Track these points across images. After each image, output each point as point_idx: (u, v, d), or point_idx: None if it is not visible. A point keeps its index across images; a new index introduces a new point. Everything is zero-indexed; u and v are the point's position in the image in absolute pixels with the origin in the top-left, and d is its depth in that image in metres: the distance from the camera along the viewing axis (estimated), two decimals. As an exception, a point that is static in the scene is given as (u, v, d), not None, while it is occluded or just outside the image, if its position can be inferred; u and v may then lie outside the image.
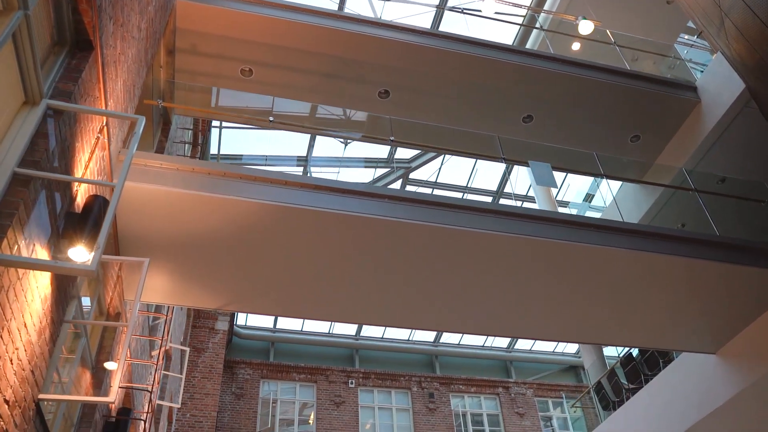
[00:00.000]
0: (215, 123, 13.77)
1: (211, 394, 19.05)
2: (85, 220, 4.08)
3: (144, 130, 4.30)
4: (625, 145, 11.11)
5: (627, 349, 12.37)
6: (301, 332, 24.02)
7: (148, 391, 7.61)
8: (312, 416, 22.33)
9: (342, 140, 16.02)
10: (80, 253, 3.74)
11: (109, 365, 6.31)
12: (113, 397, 4.46)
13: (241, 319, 23.64)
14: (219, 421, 21.04)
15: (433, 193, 19.99)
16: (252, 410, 21.70)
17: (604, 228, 7.30)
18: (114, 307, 6.88)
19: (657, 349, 10.63)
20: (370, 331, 24.29)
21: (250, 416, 21.55)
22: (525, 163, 7.72)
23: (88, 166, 4.75)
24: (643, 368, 11.61)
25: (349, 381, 23.05)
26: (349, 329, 24.24)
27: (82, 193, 4.82)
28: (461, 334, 24.71)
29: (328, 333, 24.18)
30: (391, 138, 8.40)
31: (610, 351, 14.36)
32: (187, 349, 12.67)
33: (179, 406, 12.39)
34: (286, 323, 23.96)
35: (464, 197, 19.88)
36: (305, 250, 6.77)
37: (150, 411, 8.23)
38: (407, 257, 7.01)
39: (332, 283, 7.24)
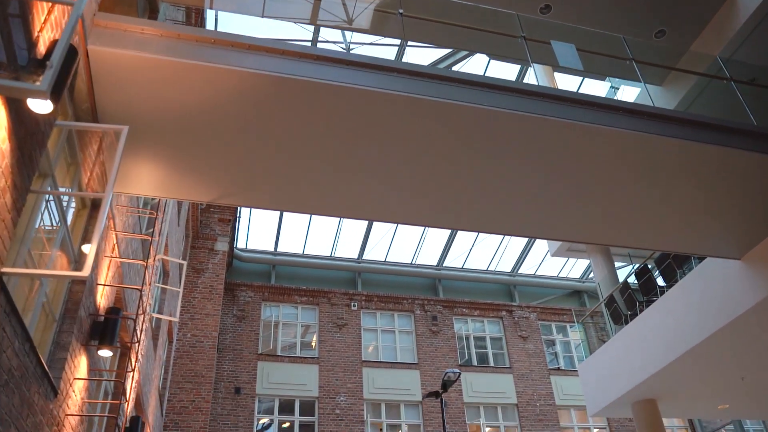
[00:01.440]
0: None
1: (211, 314, 18.77)
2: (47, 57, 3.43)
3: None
4: (649, 42, 10.32)
5: (642, 262, 11.91)
6: (303, 255, 23.63)
7: (137, 289, 7.09)
8: (314, 339, 22.18)
9: (344, 46, 15.16)
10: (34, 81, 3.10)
11: (85, 247, 5.77)
12: (87, 271, 3.91)
13: (241, 242, 23.23)
14: (221, 342, 20.89)
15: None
16: (254, 332, 21.54)
17: (632, 112, 6.62)
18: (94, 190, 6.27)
19: (678, 253, 10.09)
20: (373, 254, 23.91)
21: (251, 338, 21.40)
22: (546, 43, 6.97)
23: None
24: (659, 280, 11.16)
25: (352, 304, 22.81)
26: (352, 252, 23.85)
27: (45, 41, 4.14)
28: (466, 256, 24.37)
29: (330, 256, 23.81)
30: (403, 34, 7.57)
31: (622, 265, 13.89)
32: (185, 263, 12.19)
33: (177, 320, 11.98)
34: (288, 246, 23.56)
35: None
36: (306, 132, 6.11)
37: (142, 312, 7.77)
38: (420, 143, 6.37)
39: (336, 172, 6.61)
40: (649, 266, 11.53)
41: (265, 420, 20.42)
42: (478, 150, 6.54)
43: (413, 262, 24.41)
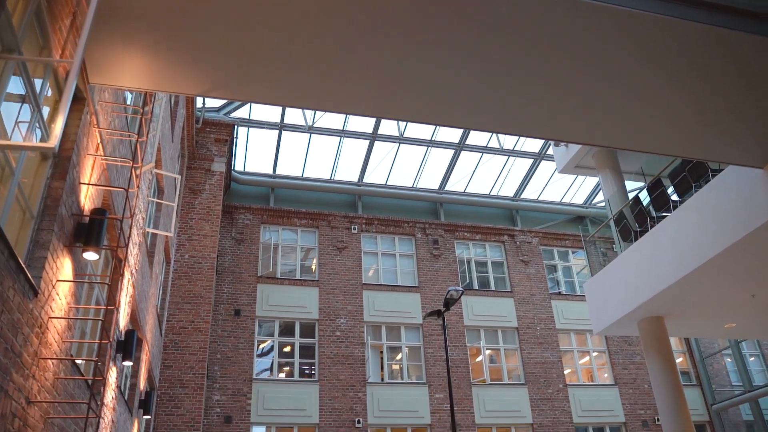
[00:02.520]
0: None
1: (209, 235, 18.46)
2: None
3: None
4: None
5: (656, 176, 11.44)
6: (302, 178, 23.16)
7: (123, 190, 6.63)
8: (314, 262, 21.96)
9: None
10: None
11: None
12: (53, 142, 3.44)
13: (239, 164, 22.71)
14: (220, 265, 20.68)
15: None
16: (253, 255, 21.30)
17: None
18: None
19: (697, 159, 9.58)
20: (374, 177, 23.43)
21: (251, 261, 21.18)
22: None
23: None
24: (673, 197, 10.75)
25: (352, 227, 22.49)
26: (352, 175, 23.37)
27: None
28: (468, 180, 23.91)
29: (330, 179, 23.33)
30: None
31: (631, 186, 13.44)
32: (179, 176, 11.73)
33: (171, 234, 11.60)
34: (286, 169, 23.06)
35: None
36: (305, 11, 5.52)
37: (129, 216, 7.36)
38: (437, 29, 5.77)
39: (339, 60, 6.03)
40: (662, 180, 11.08)
41: (264, 345, 20.41)
42: (502, 40, 5.95)
43: (414, 186, 23.97)
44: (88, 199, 6.54)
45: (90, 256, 6.16)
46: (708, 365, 24.13)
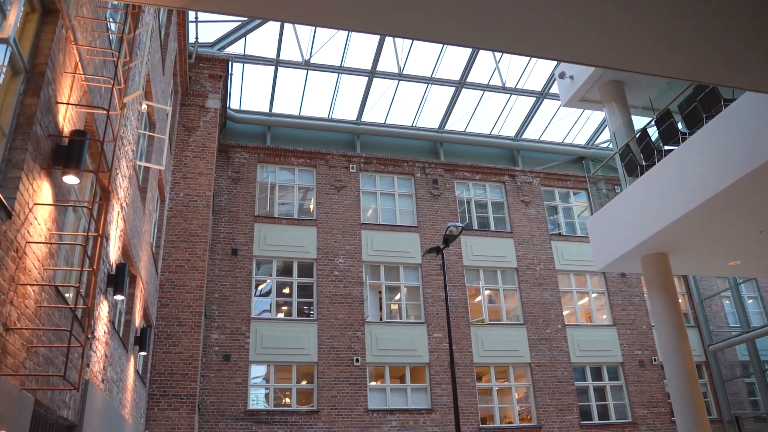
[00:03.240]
0: None
1: (204, 173, 18.08)
2: None
3: None
4: None
5: (664, 107, 11.02)
6: (299, 117, 22.65)
7: (104, 111, 6.24)
8: (312, 201, 21.67)
9: None
10: None
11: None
12: (7, 33, 3.06)
13: (234, 102, 22.16)
14: (216, 204, 20.39)
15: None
16: (250, 194, 20.98)
17: None
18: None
19: (710, 83, 9.16)
20: (372, 115, 22.92)
21: (248, 200, 20.88)
22: None
23: None
24: (682, 126, 10.35)
25: (350, 166, 22.11)
26: (350, 113, 22.85)
27: None
28: (469, 119, 23.40)
29: (328, 118, 22.82)
30: None
31: (638, 122, 13.00)
32: (169, 108, 11.28)
33: (162, 167, 11.24)
34: (283, 107, 22.53)
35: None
36: None
37: (113, 139, 6.99)
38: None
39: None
40: (672, 111, 10.66)
41: (263, 285, 20.31)
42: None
43: (414, 125, 23.48)
44: (67, 121, 6.16)
45: (70, 179, 5.83)
46: (706, 307, 24.14)
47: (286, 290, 20.34)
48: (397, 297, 21.20)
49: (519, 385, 21.05)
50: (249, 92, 22.61)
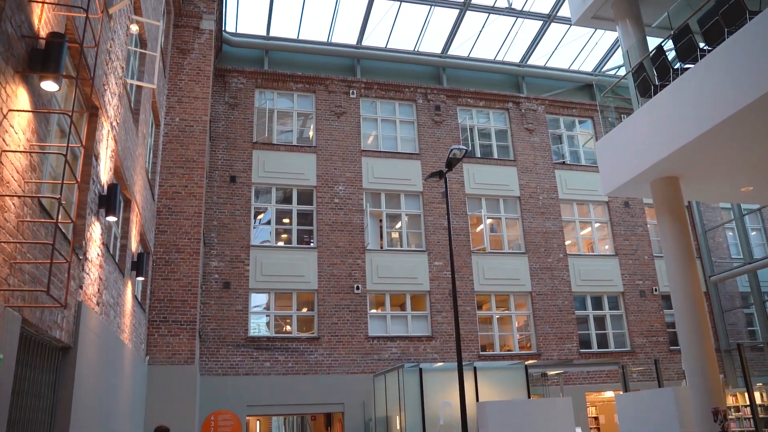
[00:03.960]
0: None
1: (200, 98, 17.51)
2: None
3: None
4: None
5: (684, 21, 10.41)
6: (297, 40, 21.87)
7: (82, 10, 5.75)
8: (311, 127, 21.16)
9: None
10: None
11: None
12: None
13: (230, 26, 21.35)
14: (213, 131, 19.91)
15: None
16: (248, 121, 20.47)
17: None
18: None
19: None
20: (373, 39, 22.13)
21: (245, 126, 20.38)
22: None
23: None
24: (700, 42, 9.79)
25: (350, 91, 21.49)
26: (350, 37, 22.06)
27: None
28: (473, 44, 22.61)
29: (327, 41, 22.04)
30: None
31: (653, 42, 12.37)
32: (161, 24, 10.70)
33: (154, 86, 10.75)
34: (281, 30, 21.72)
35: None
36: None
37: (94, 45, 6.52)
38: None
39: None
40: (690, 26, 10.07)
41: (261, 216, 20.04)
42: None
43: (416, 50, 22.70)
44: (43, 23, 5.69)
45: (48, 86, 5.41)
46: (709, 238, 23.97)
47: (286, 219, 20.09)
48: (398, 225, 20.97)
49: (519, 313, 21.07)
50: (245, 14, 21.78)
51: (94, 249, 8.67)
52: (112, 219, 9.12)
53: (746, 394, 17.72)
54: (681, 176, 10.63)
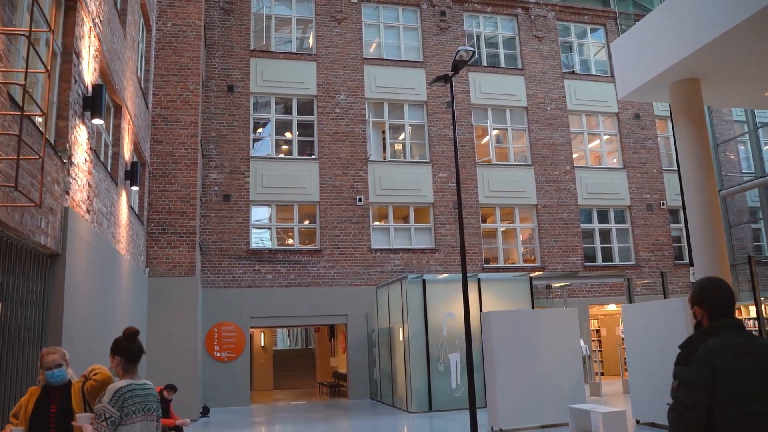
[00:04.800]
0: None
1: (193, 1, 16.59)
2: None
3: None
4: None
5: None
6: (295, -60, 20.63)
7: None
8: (311, 34, 20.25)
9: None
10: None
11: None
12: None
13: (224, -77, 20.04)
14: (209, 38, 19.07)
15: None
16: (244, 27, 19.56)
17: None
18: None
19: None
20: (375, -62, 20.85)
21: (242, 33, 19.50)
22: None
23: None
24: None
25: (352, -5, 20.43)
26: (351, -64, 20.79)
27: None
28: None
29: (327, -59, 20.78)
30: None
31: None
32: None
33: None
34: (277, -72, 20.45)
35: None
36: None
37: None
38: None
39: None
40: None
41: (261, 130, 19.45)
42: None
43: (421, -50, 21.45)
44: None
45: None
46: (720, 152, 23.38)
47: (286, 130, 19.51)
48: (401, 136, 20.40)
49: (524, 226, 20.79)
50: None
51: (81, 153, 8.22)
52: (98, 122, 8.63)
53: (751, 308, 17.63)
54: (702, 78, 9.99)
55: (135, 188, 12.39)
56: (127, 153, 12.03)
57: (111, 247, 10.40)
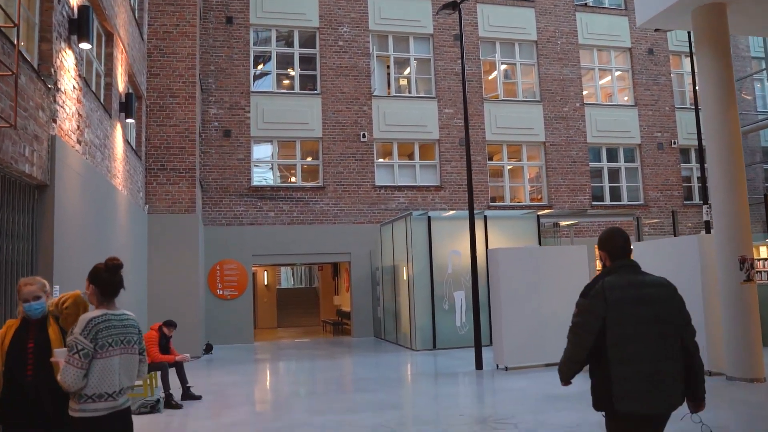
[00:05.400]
0: None
1: (188, -76, 15.75)
2: None
3: None
4: None
5: None
6: None
7: None
8: (313, -37, 19.35)
9: None
10: None
11: None
12: None
13: None
14: (206, -34, 18.22)
15: None
16: (243, -45, 18.66)
17: None
18: None
19: None
20: None
21: (241, -39, 18.61)
22: None
23: None
24: None
25: None
26: None
27: None
28: None
29: None
30: None
31: None
32: None
33: None
34: None
35: None
36: None
37: None
38: None
39: None
40: None
41: (263, 66, 18.80)
42: None
43: None
44: None
45: None
46: (735, 89, 22.65)
47: (288, 65, 18.86)
48: (407, 71, 19.74)
49: (531, 164, 20.34)
50: None
51: (69, 80, 7.77)
52: (85, 46, 8.14)
53: (762, 248, 17.29)
54: (728, 3, 9.40)
55: (130, 121, 11.95)
56: (121, 84, 11.54)
57: (106, 181, 10.05)
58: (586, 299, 3.32)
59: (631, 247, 3.51)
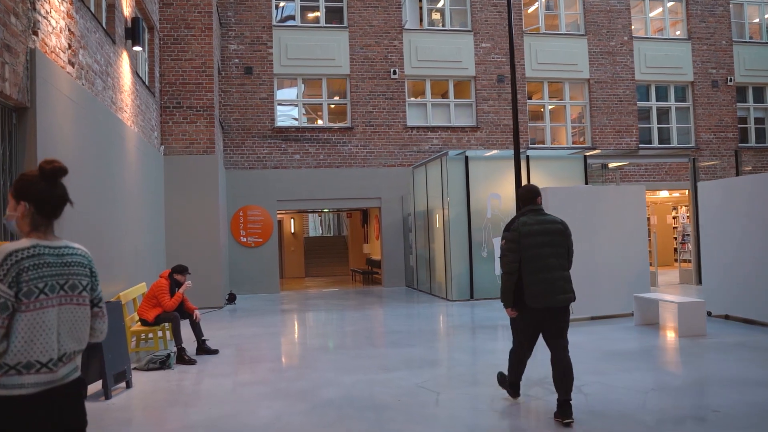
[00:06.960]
0: None
1: None
2: None
3: None
4: None
5: None
6: None
7: None
8: None
9: None
10: None
11: None
12: None
13: None
14: None
15: None
16: None
17: None
18: None
19: None
20: None
21: None
22: None
23: None
24: None
25: None
26: None
27: None
28: None
29: None
30: None
31: None
32: None
33: None
34: None
35: None
36: None
37: None
38: None
39: None
40: None
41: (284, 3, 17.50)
42: None
43: None
44: None
45: None
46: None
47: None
48: (440, 2, 18.25)
49: (574, 103, 18.88)
50: None
51: (54, -11, 6.67)
52: (73, -52, 7.01)
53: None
54: None
55: (137, 49, 10.85)
56: (127, 8, 10.42)
57: (110, 113, 9.03)
58: (508, 232, 4.95)
59: (540, 195, 5.10)
